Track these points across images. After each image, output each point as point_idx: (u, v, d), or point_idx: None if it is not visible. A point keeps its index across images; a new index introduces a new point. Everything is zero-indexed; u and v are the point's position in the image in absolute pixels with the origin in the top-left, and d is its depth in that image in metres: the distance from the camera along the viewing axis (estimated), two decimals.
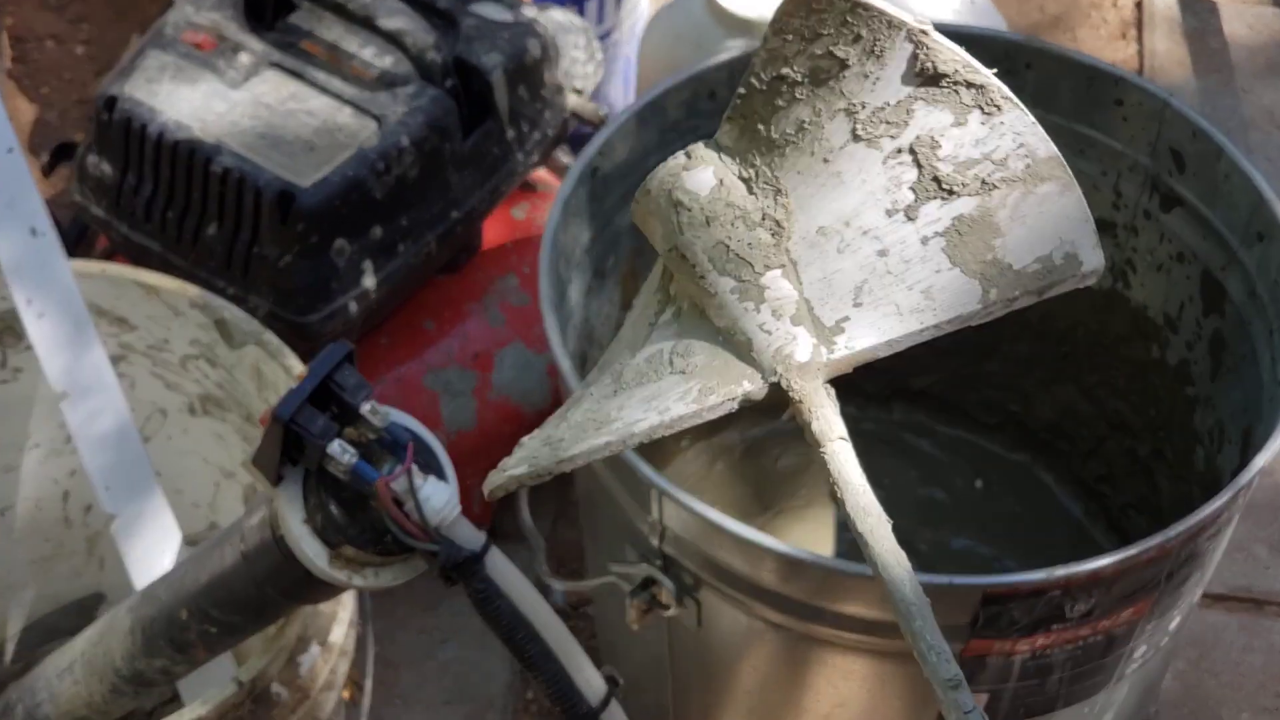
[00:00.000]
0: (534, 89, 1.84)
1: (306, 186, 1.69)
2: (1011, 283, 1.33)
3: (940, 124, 1.30)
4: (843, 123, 1.31)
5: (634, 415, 1.30)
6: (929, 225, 1.32)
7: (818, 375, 1.32)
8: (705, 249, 1.33)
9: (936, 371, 1.94)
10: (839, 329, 1.32)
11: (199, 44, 1.78)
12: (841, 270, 1.32)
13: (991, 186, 1.31)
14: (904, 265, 1.32)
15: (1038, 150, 1.31)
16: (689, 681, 1.61)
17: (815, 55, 1.29)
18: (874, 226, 1.32)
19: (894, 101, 1.30)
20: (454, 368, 1.89)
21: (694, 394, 1.31)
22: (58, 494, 1.68)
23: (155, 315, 1.56)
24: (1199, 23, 2.57)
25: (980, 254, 1.32)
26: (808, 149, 1.32)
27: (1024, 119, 1.31)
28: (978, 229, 1.31)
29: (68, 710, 1.45)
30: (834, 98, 1.30)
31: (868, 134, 1.31)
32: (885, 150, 1.31)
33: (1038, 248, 1.32)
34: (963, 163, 1.31)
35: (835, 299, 1.32)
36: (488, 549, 1.17)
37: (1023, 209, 1.31)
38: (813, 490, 1.95)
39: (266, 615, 1.30)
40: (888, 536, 1.28)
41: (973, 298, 1.32)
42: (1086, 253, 1.32)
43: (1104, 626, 1.45)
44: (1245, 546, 2.00)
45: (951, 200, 1.31)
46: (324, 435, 1.12)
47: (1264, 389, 1.59)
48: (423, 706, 1.86)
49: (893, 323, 1.32)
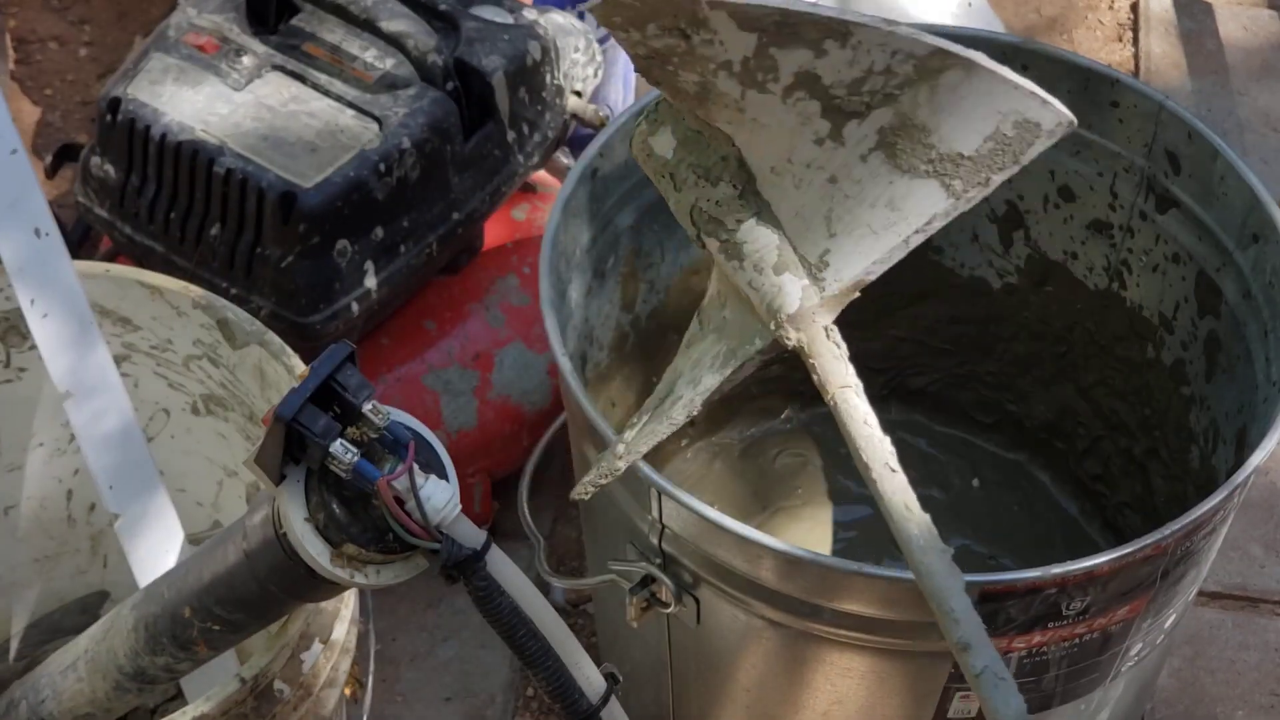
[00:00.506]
0: (535, 91, 1.85)
1: (309, 188, 1.70)
2: (972, 168, 1.31)
3: (804, 60, 1.28)
4: (726, 77, 1.30)
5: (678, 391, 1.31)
6: (859, 144, 1.30)
7: (814, 319, 1.31)
8: (685, 213, 1.33)
9: (933, 371, 1.95)
10: (823, 263, 1.31)
11: (202, 46, 1.79)
12: (806, 204, 1.32)
13: (892, 95, 1.29)
14: (856, 186, 1.31)
15: (916, 50, 1.28)
16: (688, 678, 1.62)
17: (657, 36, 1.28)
18: (813, 158, 1.31)
19: (750, 54, 1.28)
20: (455, 367, 1.89)
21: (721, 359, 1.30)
22: (61, 493, 1.69)
23: (158, 315, 1.56)
24: (1195, 25, 2.58)
25: (923, 155, 1.30)
26: (720, 101, 1.31)
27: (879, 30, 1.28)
28: (906, 133, 1.30)
29: (71, 707, 1.46)
30: (701, 62, 1.29)
31: (752, 82, 1.30)
32: (776, 93, 1.30)
33: (981, 128, 1.29)
34: (851, 83, 1.29)
35: (812, 232, 1.31)
36: (488, 547, 1.18)
37: (938, 101, 1.29)
38: (810, 489, 1.96)
39: (269, 613, 1.31)
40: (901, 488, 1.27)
41: (938, 195, 1.31)
42: (1037, 111, 1.29)
43: (1100, 624, 1.46)
44: (1240, 545, 2.01)
45: (866, 116, 1.30)
46: (326, 434, 1.12)
47: (1259, 389, 1.59)
48: (424, 703, 1.87)
49: (870, 243, 1.31)
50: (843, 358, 1.31)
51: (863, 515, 1.94)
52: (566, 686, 1.21)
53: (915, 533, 1.27)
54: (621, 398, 1.82)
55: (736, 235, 1.31)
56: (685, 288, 1.81)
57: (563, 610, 1.92)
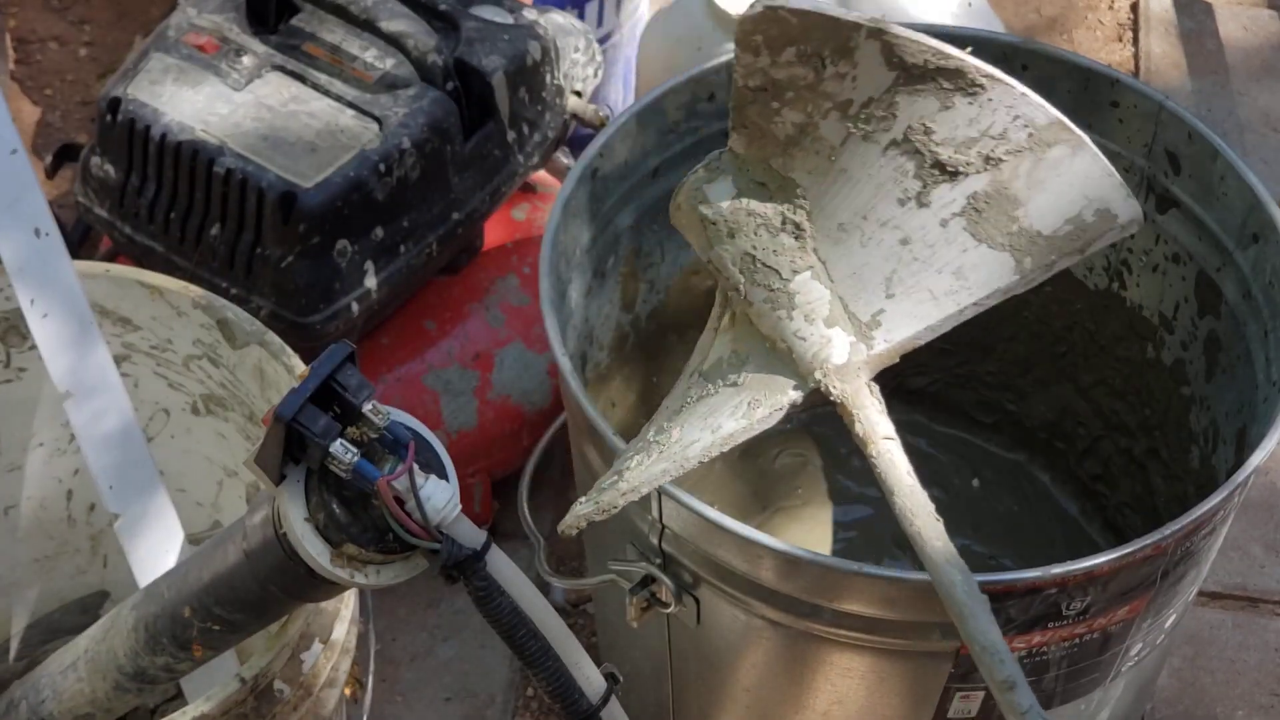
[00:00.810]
0: (535, 91, 1.85)
1: (309, 188, 1.70)
2: (1045, 249, 1.30)
3: (928, 111, 1.28)
4: (835, 121, 1.30)
5: (691, 436, 1.30)
6: (944, 208, 1.30)
7: (859, 374, 1.31)
8: (735, 260, 1.32)
9: (934, 371, 1.95)
10: (875, 323, 1.31)
11: (202, 46, 1.79)
12: (868, 264, 1.31)
13: (998, 161, 1.29)
14: (929, 250, 1.30)
15: (1036, 118, 1.28)
16: (688, 678, 1.62)
17: (789, 64, 1.28)
18: (890, 217, 1.30)
19: (877, 95, 1.28)
20: (454, 367, 1.89)
21: (744, 408, 1.30)
22: (61, 493, 1.69)
23: (158, 316, 1.56)
24: (1195, 25, 2.58)
25: (1004, 226, 1.30)
26: (812, 148, 1.31)
27: (1012, 92, 1.29)
28: (995, 203, 1.29)
29: (71, 707, 1.46)
30: (820, 98, 1.29)
31: (861, 129, 1.30)
32: (882, 144, 1.30)
33: (1065, 210, 1.29)
34: (961, 143, 1.29)
35: (867, 293, 1.31)
36: (488, 547, 1.18)
37: (1038, 176, 1.29)
38: (810, 489, 1.96)
39: (269, 613, 1.31)
40: (939, 535, 1.27)
41: (1006, 270, 1.30)
42: (1118, 205, 1.30)
43: (1100, 624, 1.46)
44: (1241, 545, 2.01)
45: (960, 180, 1.30)
46: (326, 434, 1.13)
47: (1259, 389, 1.59)
48: (424, 703, 1.87)
49: (928, 308, 1.31)
50: (884, 412, 1.32)
51: (863, 515, 1.94)
52: (566, 686, 1.21)
53: (959, 580, 1.28)
54: (621, 398, 1.82)
55: (790, 285, 1.31)
56: (685, 288, 1.81)
57: (563, 610, 1.92)
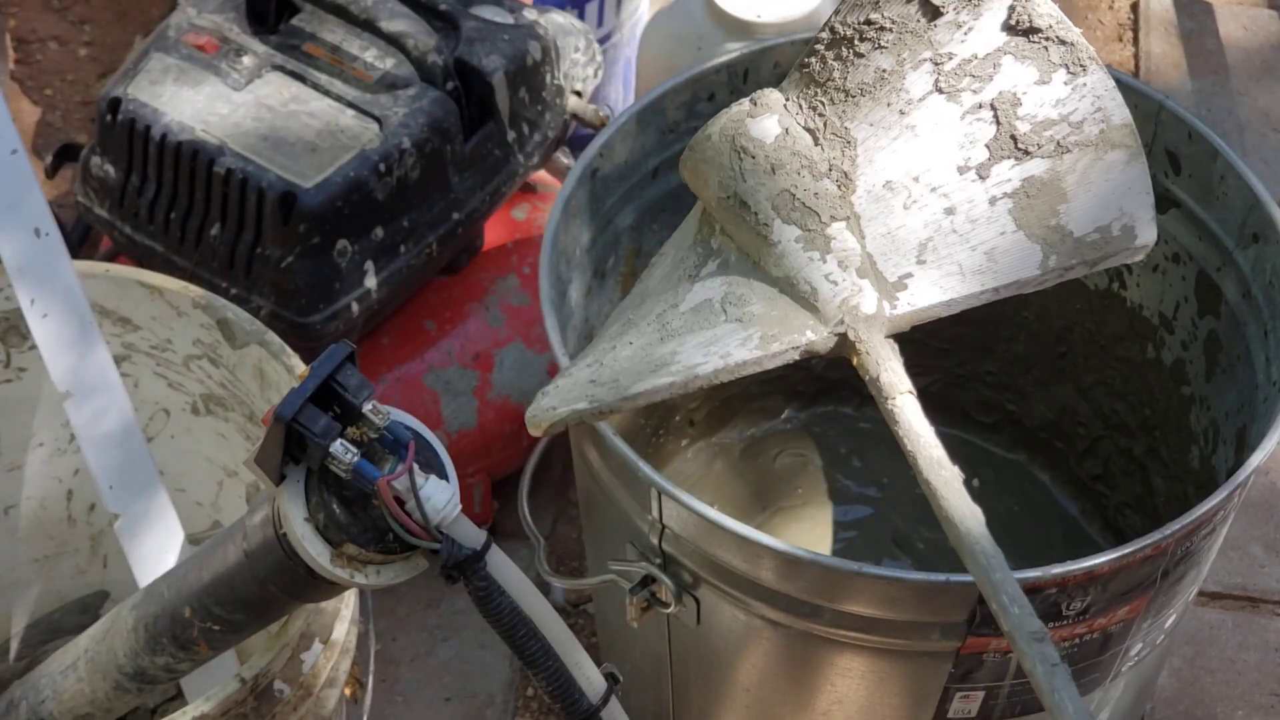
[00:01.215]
0: (535, 91, 1.85)
1: (309, 188, 1.70)
2: (1070, 251, 1.30)
3: (1025, 80, 1.27)
4: (926, 73, 1.28)
5: (693, 358, 1.27)
6: (999, 185, 1.29)
7: (882, 329, 1.30)
8: (770, 196, 1.29)
9: (934, 371, 1.95)
10: (902, 285, 1.30)
11: (202, 46, 1.79)
12: (906, 226, 1.30)
13: (1064, 150, 1.28)
14: (970, 225, 1.29)
15: (1113, 116, 1.28)
16: (688, 678, 1.62)
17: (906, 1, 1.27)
18: (944, 183, 1.29)
19: (982, 54, 1.27)
20: (454, 367, 1.89)
21: (755, 340, 1.27)
22: (61, 492, 1.69)
23: (158, 316, 1.56)
24: (1195, 25, 2.58)
25: (1045, 219, 1.29)
26: (884, 99, 1.29)
27: (1106, 81, 1.28)
28: (1046, 192, 1.29)
29: (71, 707, 1.46)
30: (921, 46, 1.27)
31: (950, 86, 1.28)
32: (965, 105, 1.28)
33: (1099, 216, 1.29)
34: (1041, 122, 1.28)
35: (899, 255, 1.30)
36: (488, 547, 1.18)
37: (1091, 175, 1.28)
38: (810, 489, 1.96)
39: (269, 613, 1.31)
40: (960, 491, 1.26)
41: (1033, 262, 1.29)
42: (1143, 226, 1.29)
43: (1100, 624, 1.46)
44: (1241, 545, 2.01)
45: (1025, 161, 1.29)
46: (326, 434, 1.13)
47: (1259, 389, 1.59)
48: (424, 703, 1.87)
49: (954, 282, 1.30)
50: (901, 365, 1.31)
51: (863, 515, 1.94)
52: (567, 686, 1.21)
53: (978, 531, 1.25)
54: None
55: (828, 230, 1.29)
56: None
57: (563, 610, 1.92)
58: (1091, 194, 1.29)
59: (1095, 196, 1.29)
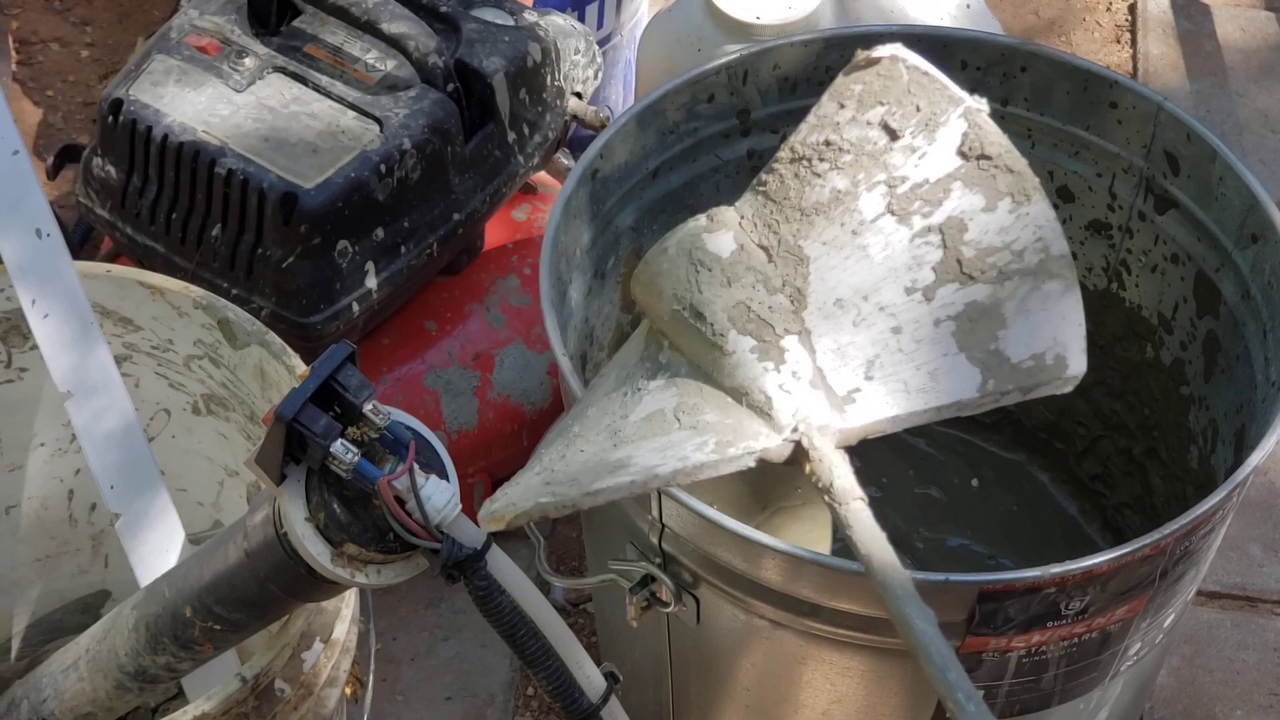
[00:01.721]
0: (535, 92, 1.86)
1: (310, 189, 1.70)
2: (1007, 376, 1.32)
3: (973, 207, 1.31)
4: (880, 195, 1.31)
5: (650, 460, 1.29)
6: (944, 308, 1.32)
7: (834, 439, 1.33)
8: (725, 308, 1.32)
9: None
10: (850, 399, 1.32)
11: (203, 48, 1.79)
12: (855, 343, 1.32)
13: (1006, 276, 1.31)
14: (915, 345, 1.32)
15: (1052, 246, 1.31)
16: (688, 678, 1.62)
17: (868, 124, 1.29)
18: (891, 303, 1.32)
19: (934, 179, 1.30)
20: (455, 368, 1.90)
21: (711, 446, 1.30)
22: (63, 492, 1.69)
23: (159, 316, 1.57)
24: (1193, 26, 2.58)
25: (985, 343, 1.32)
26: (838, 219, 1.32)
27: (1047, 212, 1.32)
28: (987, 318, 1.32)
29: (73, 707, 1.46)
30: (876, 168, 1.31)
31: (902, 209, 1.31)
32: (915, 228, 1.32)
33: (1035, 344, 1.32)
34: (985, 249, 1.31)
35: (848, 370, 1.32)
36: (489, 547, 1.18)
37: (1029, 303, 1.31)
38: (810, 489, 1.95)
39: (270, 612, 1.31)
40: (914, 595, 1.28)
41: (972, 385, 1.32)
42: (1074, 356, 1.33)
43: (1099, 624, 1.46)
44: (1239, 545, 2.01)
45: (968, 285, 1.32)
46: (327, 434, 1.13)
47: (1258, 389, 1.59)
48: (424, 703, 1.87)
49: (900, 399, 1.32)
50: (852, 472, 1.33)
51: None
52: (567, 686, 1.22)
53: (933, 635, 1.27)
54: None
55: (782, 342, 1.31)
56: None
57: (563, 610, 1.93)
58: (1028, 322, 1.32)
59: (1032, 324, 1.32)
